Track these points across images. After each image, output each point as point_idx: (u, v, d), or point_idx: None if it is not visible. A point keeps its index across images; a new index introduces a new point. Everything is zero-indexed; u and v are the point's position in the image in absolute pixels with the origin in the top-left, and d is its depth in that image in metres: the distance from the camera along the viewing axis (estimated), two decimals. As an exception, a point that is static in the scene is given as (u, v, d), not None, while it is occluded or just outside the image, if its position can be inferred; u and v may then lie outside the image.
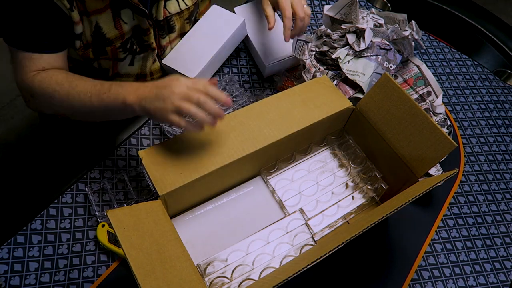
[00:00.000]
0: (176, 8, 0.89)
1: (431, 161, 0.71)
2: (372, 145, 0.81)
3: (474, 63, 1.18)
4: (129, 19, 0.81)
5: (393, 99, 0.74)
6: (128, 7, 0.79)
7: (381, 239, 0.83)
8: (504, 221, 0.90)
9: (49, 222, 0.75)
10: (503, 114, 1.08)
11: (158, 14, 0.86)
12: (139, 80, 0.94)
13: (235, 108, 0.92)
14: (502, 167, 0.98)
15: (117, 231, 0.56)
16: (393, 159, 0.77)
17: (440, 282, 0.80)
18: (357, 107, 0.80)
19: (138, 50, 0.88)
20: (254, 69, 1.03)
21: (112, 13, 0.78)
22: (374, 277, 0.79)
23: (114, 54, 0.84)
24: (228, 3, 1.09)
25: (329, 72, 0.93)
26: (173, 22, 0.91)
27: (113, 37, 0.81)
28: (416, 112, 0.72)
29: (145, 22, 0.83)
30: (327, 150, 0.87)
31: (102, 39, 0.80)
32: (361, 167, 0.83)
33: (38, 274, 0.71)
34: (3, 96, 1.82)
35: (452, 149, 0.68)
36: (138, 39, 0.86)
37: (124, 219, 0.58)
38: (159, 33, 0.89)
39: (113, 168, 0.83)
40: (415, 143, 0.73)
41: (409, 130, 0.73)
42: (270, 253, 0.72)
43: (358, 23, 0.94)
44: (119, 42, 0.83)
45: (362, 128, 0.81)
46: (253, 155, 0.72)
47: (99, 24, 0.78)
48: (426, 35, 1.22)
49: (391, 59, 0.94)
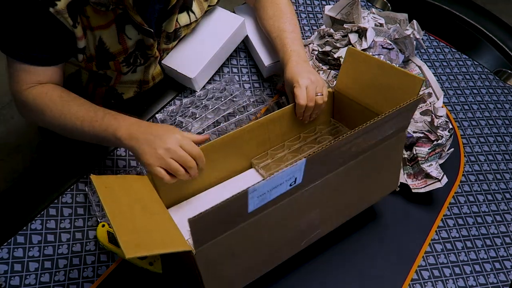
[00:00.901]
0: (186, 20, 0.89)
1: None
2: (360, 121, 0.81)
3: (474, 63, 1.18)
4: (133, 34, 0.80)
5: (361, 65, 0.77)
6: (132, 24, 0.78)
7: (381, 239, 0.83)
8: (504, 221, 0.90)
9: (49, 222, 0.75)
10: (503, 114, 1.08)
11: (169, 28, 0.85)
12: (142, 86, 0.94)
13: (235, 108, 0.92)
14: (502, 167, 0.98)
15: (99, 189, 0.56)
16: None
17: (440, 282, 0.80)
18: (336, 88, 0.83)
19: (142, 61, 0.87)
20: (254, 69, 1.03)
21: (116, 29, 0.77)
22: (374, 277, 0.79)
23: (117, 68, 0.84)
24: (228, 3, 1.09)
25: (332, 71, 0.93)
26: (180, 32, 0.91)
27: (116, 52, 0.80)
28: (382, 66, 0.74)
29: (149, 39, 0.82)
30: (318, 136, 0.87)
31: (105, 54, 0.79)
32: None
33: (38, 274, 0.71)
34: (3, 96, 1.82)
35: (420, 83, 0.69)
36: (142, 52, 0.85)
37: (107, 180, 0.59)
38: (164, 40, 0.89)
39: (113, 168, 0.83)
40: (390, 96, 0.74)
41: (382, 86, 0.75)
42: None
43: (360, 23, 0.94)
44: (122, 57, 0.82)
45: (346, 108, 0.83)
46: (242, 142, 0.73)
47: (103, 39, 0.76)
48: (426, 35, 1.22)
49: (393, 58, 0.94)
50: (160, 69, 0.94)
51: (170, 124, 0.88)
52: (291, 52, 0.85)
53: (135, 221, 0.55)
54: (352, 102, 0.81)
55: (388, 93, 0.75)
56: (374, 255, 0.81)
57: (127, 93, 0.94)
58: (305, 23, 1.16)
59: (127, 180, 0.64)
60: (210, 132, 0.87)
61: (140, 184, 0.65)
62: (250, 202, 0.54)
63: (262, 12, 0.94)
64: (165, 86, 0.97)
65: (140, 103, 0.95)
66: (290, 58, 0.84)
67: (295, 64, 0.82)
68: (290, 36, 0.87)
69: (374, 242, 0.83)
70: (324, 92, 0.80)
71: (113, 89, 0.92)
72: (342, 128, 0.86)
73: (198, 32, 0.96)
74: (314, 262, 0.78)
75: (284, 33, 0.88)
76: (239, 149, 0.77)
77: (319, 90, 0.79)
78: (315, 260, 0.78)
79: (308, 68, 0.83)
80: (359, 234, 0.83)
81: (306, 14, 1.18)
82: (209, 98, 0.93)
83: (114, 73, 0.87)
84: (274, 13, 0.91)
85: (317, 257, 0.78)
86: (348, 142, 0.62)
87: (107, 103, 0.99)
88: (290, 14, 0.92)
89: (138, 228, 0.54)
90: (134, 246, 0.49)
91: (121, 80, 0.90)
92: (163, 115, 0.89)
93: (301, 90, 0.78)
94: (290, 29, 0.88)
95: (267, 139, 0.80)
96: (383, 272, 0.79)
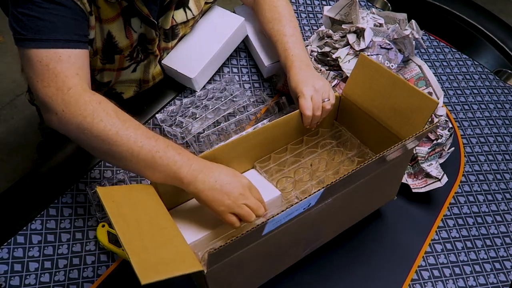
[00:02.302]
0: (183, 17, 0.89)
1: (419, 124, 0.71)
2: (364, 128, 0.82)
3: (474, 63, 1.18)
4: (137, 27, 0.81)
5: (372, 75, 0.76)
6: (138, 16, 0.79)
7: (381, 239, 0.83)
8: (504, 221, 0.90)
9: (49, 222, 0.75)
10: (503, 114, 1.08)
11: (165, 24, 0.85)
12: (141, 85, 0.94)
13: (235, 108, 0.92)
14: (502, 167, 0.98)
15: (106, 203, 0.55)
16: (384, 135, 0.77)
17: (440, 282, 0.80)
18: (343, 94, 0.81)
19: (142, 57, 0.88)
20: (254, 69, 1.03)
21: (123, 21, 0.77)
22: (374, 277, 0.79)
23: (121, 63, 0.84)
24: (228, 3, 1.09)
25: (331, 72, 0.93)
26: (178, 30, 0.91)
27: (124, 47, 0.81)
28: (394, 80, 0.73)
29: (152, 32, 0.83)
30: (321, 140, 0.87)
31: (113, 48, 0.79)
32: (355, 151, 0.83)
33: (38, 274, 0.71)
34: (3, 96, 1.82)
35: (435, 106, 0.68)
36: (143, 47, 0.86)
37: (112, 192, 0.58)
38: (163, 38, 0.89)
39: (113, 168, 0.83)
40: (400, 111, 0.73)
41: (392, 99, 0.74)
42: None
43: (359, 23, 0.94)
44: (128, 51, 0.83)
45: (351, 114, 0.82)
46: (247, 146, 0.73)
47: (112, 33, 0.77)
48: (426, 35, 1.22)
49: (392, 58, 0.93)
50: (160, 68, 0.95)
51: (170, 125, 0.88)
52: (292, 57, 0.83)
53: (144, 237, 0.55)
54: (358, 109, 0.80)
55: (397, 108, 0.74)
56: (374, 255, 0.81)
57: (127, 93, 0.94)
58: (305, 23, 1.16)
59: (132, 192, 0.63)
60: (210, 132, 0.87)
61: (145, 195, 0.63)
62: (266, 228, 0.55)
63: (260, 15, 0.93)
64: (165, 86, 0.97)
65: (140, 103, 0.95)
66: (292, 64, 0.82)
67: (298, 70, 0.81)
68: (291, 40, 0.86)
69: (374, 242, 0.83)
70: (331, 97, 0.78)
71: (112, 89, 0.92)
72: (345, 132, 0.85)
73: (198, 32, 0.96)
74: (315, 262, 0.78)
75: (285, 37, 0.86)
76: (243, 153, 0.76)
77: (325, 96, 0.78)
78: (315, 260, 0.78)
79: (312, 72, 0.81)
80: (359, 234, 0.83)
81: (306, 14, 1.18)
82: (209, 98, 0.93)
83: (113, 74, 0.87)
84: (273, 16, 0.90)
85: (317, 257, 0.78)
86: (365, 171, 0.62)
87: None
88: (289, 16, 0.90)
89: (148, 246, 0.54)
90: (147, 270, 0.49)
91: (121, 79, 0.90)
92: (163, 115, 0.89)
93: (306, 101, 0.76)
94: (290, 32, 0.87)
95: (270, 142, 0.79)
96: (383, 272, 0.79)
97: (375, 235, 0.83)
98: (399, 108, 0.73)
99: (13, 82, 1.86)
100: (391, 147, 0.63)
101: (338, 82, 0.92)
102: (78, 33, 0.68)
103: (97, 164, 0.83)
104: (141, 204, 0.61)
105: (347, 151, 0.84)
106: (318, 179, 0.79)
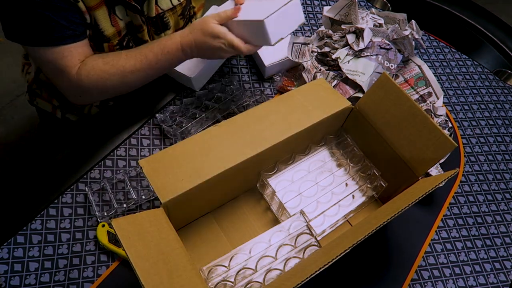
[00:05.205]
0: (168, 4, 0.89)
1: (431, 161, 0.71)
2: (371, 144, 0.81)
3: (474, 63, 1.18)
4: (123, 15, 0.82)
5: (392, 98, 0.74)
6: (121, 3, 0.80)
7: (381, 239, 0.83)
8: (504, 221, 0.90)
9: (49, 222, 0.75)
10: (503, 114, 1.08)
11: (150, 11, 0.86)
12: None
13: (235, 108, 0.92)
14: (502, 167, 0.98)
15: (123, 240, 0.55)
16: (393, 158, 0.77)
17: (440, 282, 0.80)
18: (356, 107, 0.80)
19: (134, 47, 0.88)
20: (254, 69, 1.03)
21: (107, 10, 0.78)
22: (374, 277, 0.79)
23: (111, 51, 0.84)
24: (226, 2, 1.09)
25: (330, 72, 0.93)
26: (167, 18, 0.91)
27: (110, 35, 0.82)
28: (415, 112, 0.71)
29: (137, 18, 0.83)
30: (325, 149, 0.87)
31: (100, 36, 0.81)
32: (360, 166, 0.83)
33: (38, 274, 0.71)
34: (3, 96, 1.82)
35: (452, 149, 0.68)
36: (134, 36, 0.86)
37: (128, 228, 0.58)
38: (153, 30, 0.89)
39: (113, 168, 0.83)
40: (415, 143, 0.72)
41: (408, 130, 0.73)
42: (273, 255, 0.72)
43: (358, 23, 0.94)
44: (116, 40, 0.83)
45: (361, 127, 0.81)
46: (253, 158, 0.71)
47: (97, 21, 0.78)
48: (426, 35, 1.22)
49: (391, 58, 0.94)
50: None
51: (170, 125, 0.88)
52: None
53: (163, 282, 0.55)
54: (369, 124, 0.79)
55: (412, 139, 0.72)
56: (374, 255, 0.81)
57: None
58: (305, 23, 1.16)
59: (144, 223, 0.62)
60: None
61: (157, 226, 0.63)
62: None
63: None
64: (165, 86, 0.97)
65: (140, 103, 0.95)
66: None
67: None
68: None
69: (374, 242, 0.83)
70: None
71: None
72: (350, 142, 0.85)
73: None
74: (314, 262, 0.78)
75: None
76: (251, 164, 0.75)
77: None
78: (315, 260, 0.78)
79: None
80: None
81: (306, 14, 1.18)
82: (209, 98, 0.93)
83: None
84: None
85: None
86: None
87: (105, 105, 0.99)
88: None
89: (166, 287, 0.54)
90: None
91: None
92: (163, 115, 0.89)
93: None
94: None
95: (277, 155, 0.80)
96: (383, 272, 0.79)
97: (375, 235, 0.83)
98: (414, 139, 0.72)
99: (13, 82, 1.86)
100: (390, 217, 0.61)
101: (337, 82, 0.92)
102: (73, 28, 0.75)
103: (97, 164, 0.83)
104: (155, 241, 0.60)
105: (351, 163, 0.84)
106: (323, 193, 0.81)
